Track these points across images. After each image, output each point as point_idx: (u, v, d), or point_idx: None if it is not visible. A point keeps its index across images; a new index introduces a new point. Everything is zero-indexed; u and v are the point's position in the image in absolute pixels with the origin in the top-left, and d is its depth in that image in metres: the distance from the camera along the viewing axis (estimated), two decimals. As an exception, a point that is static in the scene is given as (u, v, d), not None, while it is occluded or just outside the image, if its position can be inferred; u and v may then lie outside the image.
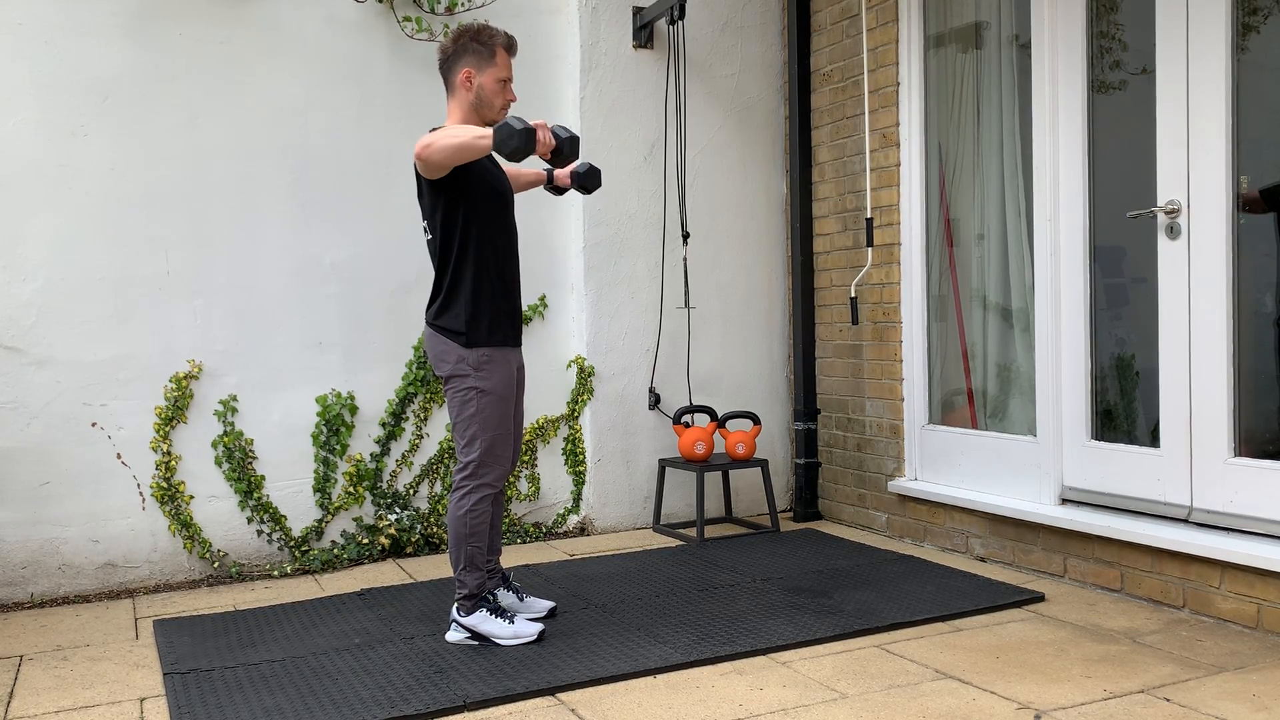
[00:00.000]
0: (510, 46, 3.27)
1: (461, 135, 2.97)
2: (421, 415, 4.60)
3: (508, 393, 3.23)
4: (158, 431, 4.14)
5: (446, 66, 3.26)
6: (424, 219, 3.25)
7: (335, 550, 4.39)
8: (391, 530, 4.45)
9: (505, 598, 3.48)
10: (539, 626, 3.27)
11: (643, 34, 4.91)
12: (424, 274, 4.59)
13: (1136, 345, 3.72)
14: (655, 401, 4.98)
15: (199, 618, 3.65)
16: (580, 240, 4.84)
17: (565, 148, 2.99)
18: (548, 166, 3.00)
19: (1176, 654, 3.04)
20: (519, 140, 2.89)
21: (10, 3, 3.92)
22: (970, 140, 4.36)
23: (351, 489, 4.45)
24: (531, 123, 2.93)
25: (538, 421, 4.84)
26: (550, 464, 4.88)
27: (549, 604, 3.52)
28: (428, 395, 4.61)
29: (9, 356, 3.94)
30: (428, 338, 3.26)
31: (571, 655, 3.12)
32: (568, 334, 4.92)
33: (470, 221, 3.19)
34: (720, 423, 4.83)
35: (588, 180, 3.51)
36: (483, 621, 3.24)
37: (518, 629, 3.24)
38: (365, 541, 4.44)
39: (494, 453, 3.21)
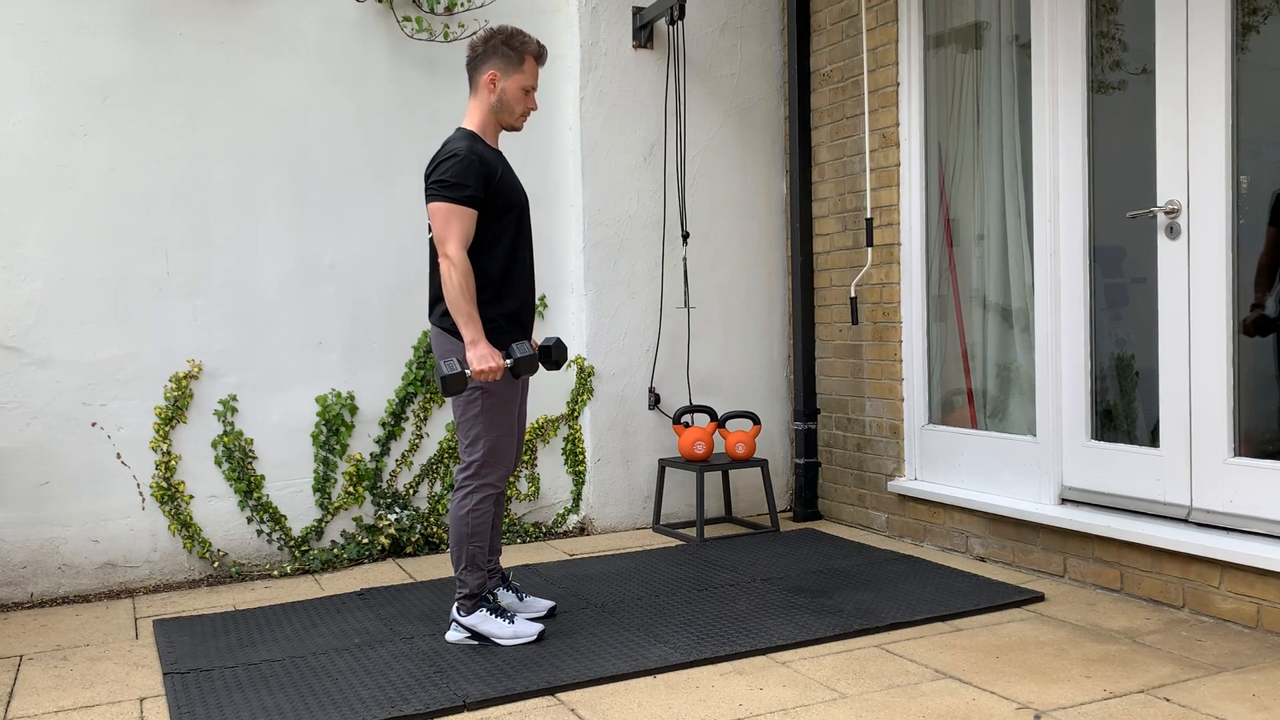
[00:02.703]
0: (540, 56, 3.27)
1: (455, 297, 3.08)
2: (421, 415, 4.60)
3: (511, 393, 3.23)
4: (157, 431, 4.14)
5: (473, 65, 3.26)
6: (430, 219, 3.23)
7: (335, 550, 4.39)
8: (391, 530, 4.45)
9: (505, 597, 3.48)
10: (539, 626, 3.27)
11: (643, 34, 4.91)
12: (424, 274, 4.59)
13: (1136, 345, 3.72)
14: (655, 401, 4.98)
15: (199, 618, 3.65)
16: (580, 240, 4.84)
17: (519, 369, 3.12)
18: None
19: (1176, 654, 3.04)
20: (441, 385, 3.04)
21: (10, 3, 3.92)
22: (970, 140, 4.36)
23: (351, 489, 4.45)
24: (477, 367, 3.06)
25: (538, 421, 4.84)
26: (550, 464, 4.88)
27: (549, 603, 3.52)
28: (427, 395, 4.61)
29: (9, 356, 3.94)
30: (433, 337, 3.27)
31: (571, 655, 3.12)
32: (568, 334, 4.91)
33: (483, 230, 3.19)
34: (720, 423, 4.83)
35: (549, 359, 3.38)
36: (483, 621, 3.24)
37: (518, 629, 3.24)
38: (365, 541, 4.44)
39: (497, 453, 3.22)
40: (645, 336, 4.99)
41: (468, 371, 3.09)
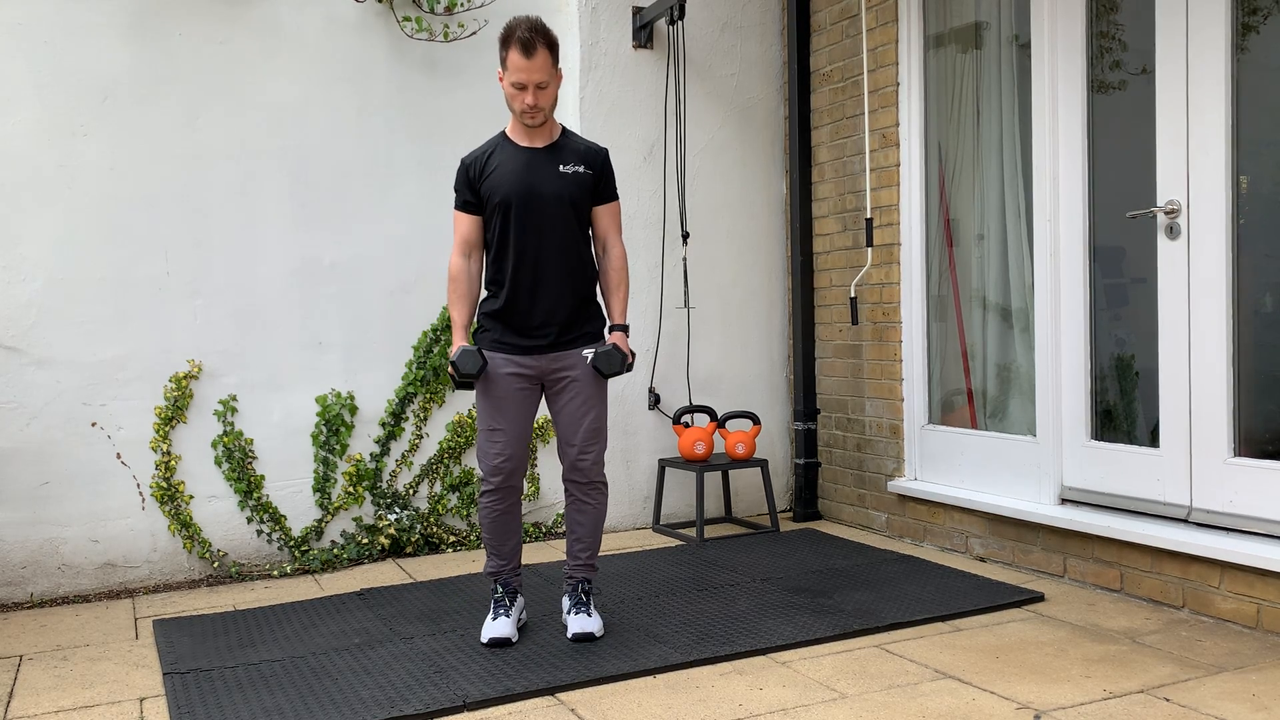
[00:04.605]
0: (527, 47, 3.06)
1: (450, 294, 3.30)
2: (421, 415, 4.60)
3: (486, 391, 3.23)
4: (157, 431, 4.14)
5: None
6: None
7: (335, 550, 4.39)
8: (391, 530, 4.45)
9: (566, 601, 3.42)
10: (501, 634, 3.21)
11: (643, 34, 4.91)
12: (424, 274, 4.59)
13: (1136, 345, 3.72)
14: (655, 401, 4.98)
15: (199, 618, 3.65)
16: (580, 240, 4.83)
17: (466, 372, 3.18)
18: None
19: (1176, 654, 3.04)
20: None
21: (10, 3, 3.92)
22: (970, 140, 4.36)
23: (351, 489, 4.45)
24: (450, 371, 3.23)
25: (538, 421, 4.84)
26: (550, 464, 4.88)
27: (591, 629, 3.26)
28: (427, 395, 4.61)
29: (9, 356, 3.94)
30: None
31: (571, 655, 3.12)
32: (568, 334, 4.91)
33: (486, 231, 3.29)
34: (720, 423, 4.83)
35: (601, 364, 3.32)
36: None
37: (486, 629, 3.26)
38: (365, 541, 4.44)
39: (480, 449, 3.28)
40: (645, 336, 4.99)
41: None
